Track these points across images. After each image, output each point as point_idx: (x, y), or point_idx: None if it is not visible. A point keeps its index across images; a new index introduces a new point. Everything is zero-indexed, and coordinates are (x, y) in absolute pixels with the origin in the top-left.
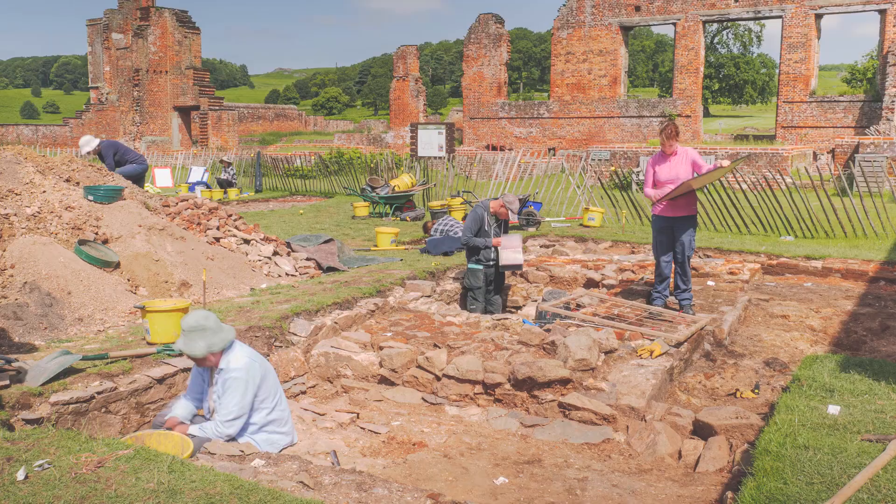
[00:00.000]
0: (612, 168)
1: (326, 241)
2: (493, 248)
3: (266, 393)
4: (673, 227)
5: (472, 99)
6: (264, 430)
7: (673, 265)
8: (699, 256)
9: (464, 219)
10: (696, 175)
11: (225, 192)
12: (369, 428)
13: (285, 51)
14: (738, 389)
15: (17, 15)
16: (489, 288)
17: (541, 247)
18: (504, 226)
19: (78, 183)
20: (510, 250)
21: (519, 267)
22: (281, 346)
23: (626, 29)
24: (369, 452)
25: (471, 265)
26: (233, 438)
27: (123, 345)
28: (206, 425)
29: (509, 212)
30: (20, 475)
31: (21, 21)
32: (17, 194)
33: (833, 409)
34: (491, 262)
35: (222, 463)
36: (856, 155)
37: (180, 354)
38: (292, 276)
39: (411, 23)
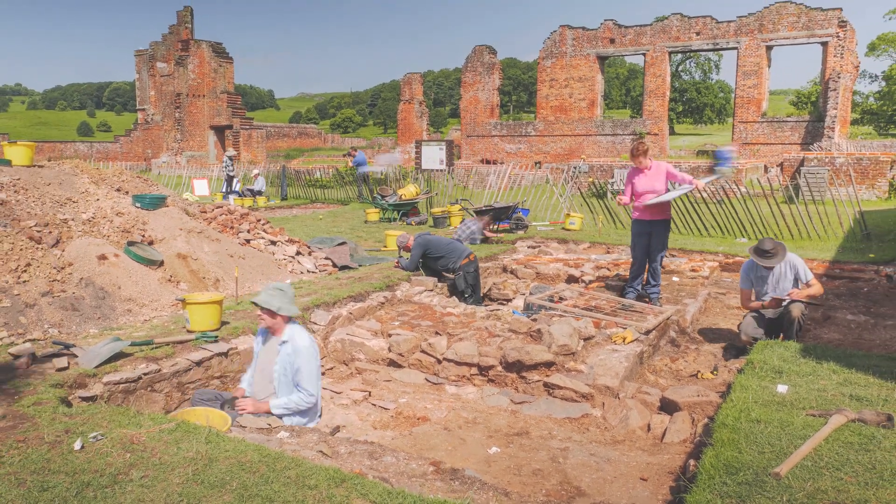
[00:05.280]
0: (590, 179)
1: (341, 244)
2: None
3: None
4: (650, 230)
5: (469, 119)
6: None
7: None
8: (665, 256)
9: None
10: (673, 185)
11: (254, 200)
12: (379, 404)
13: (307, 77)
14: (699, 371)
15: (75, 46)
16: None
17: (528, 247)
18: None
19: (127, 192)
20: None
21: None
22: None
23: (602, 59)
24: (379, 426)
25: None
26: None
27: (166, 332)
28: (291, 398)
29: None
30: (77, 445)
31: (78, 51)
32: (74, 202)
33: (782, 388)
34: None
35: (252, 435)
36: (801, 168)
37: (216, 340)
38: (313, 272)
39: (415, 53)
